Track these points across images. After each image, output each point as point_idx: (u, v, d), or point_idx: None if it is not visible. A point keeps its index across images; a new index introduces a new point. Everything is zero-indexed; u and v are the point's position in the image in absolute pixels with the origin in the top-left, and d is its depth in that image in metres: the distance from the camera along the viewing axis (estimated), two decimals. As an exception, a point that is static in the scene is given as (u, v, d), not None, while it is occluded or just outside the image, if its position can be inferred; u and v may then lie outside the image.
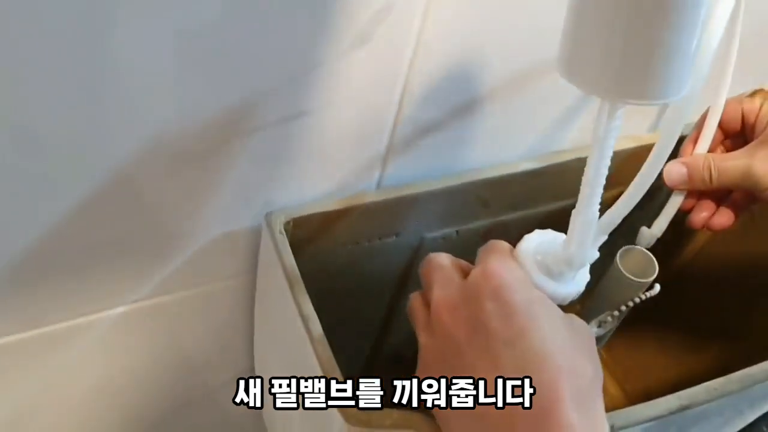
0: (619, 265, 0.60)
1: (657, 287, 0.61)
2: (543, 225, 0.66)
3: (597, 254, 0.45)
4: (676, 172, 0.57)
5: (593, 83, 0.38)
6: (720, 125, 0.58)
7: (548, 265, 0.45)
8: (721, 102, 0.57)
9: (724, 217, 0.59)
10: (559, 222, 0.54)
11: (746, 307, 0.78)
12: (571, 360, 0.40)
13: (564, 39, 0.39)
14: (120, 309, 0.62)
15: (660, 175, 0.42)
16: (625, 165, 0.44)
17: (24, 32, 0.40)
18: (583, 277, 0.47)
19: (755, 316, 0.77)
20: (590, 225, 0.43)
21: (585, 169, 0.42)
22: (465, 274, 0.45)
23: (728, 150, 0.59)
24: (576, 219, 0.43)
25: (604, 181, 0.42)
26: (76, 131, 0.46)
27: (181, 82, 0.46)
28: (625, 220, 0.43)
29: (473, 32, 0.52)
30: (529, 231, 0.48)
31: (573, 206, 0.44)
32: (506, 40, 0.54)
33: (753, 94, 0.58)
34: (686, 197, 0.59)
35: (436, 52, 0.52)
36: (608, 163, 0.41)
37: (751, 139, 0.57)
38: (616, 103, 0.39)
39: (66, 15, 0.40)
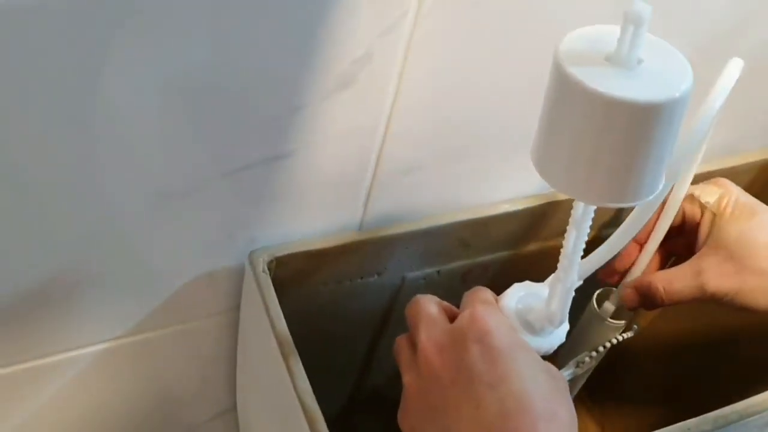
0: (596, 307, 0.61)
1: (634, 328, 0.62)
2: (522, 266, 0.67)
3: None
4: (630, 299, 0.60)
5: (565, 186, 0.38)
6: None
7: (530, 321, 0.47)
8: (675, 208, 0.59)
9: None
10: (538, 263, 0.54)
11: (726, 351, 0.78)
12: (550, 406, 0.41)
13: (537, 136, 0.38)
14: (102, 345, 0.62)
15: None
16: (603, 209, 0.45)
17: (19, 79, 0.41)
18: (563, 329, 0.48)
19: (735, 358, 0.78)
20: (570, 290, 0.45)
21: (564, 242, 0.43)
22: (450, 316, 0.46)
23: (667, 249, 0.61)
24: (556, 285, 0.45)
25: (581, 253, 0.43)
26: (62, 171, 0.47)
27: (166, 124, 0.47)
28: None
29: (452, 77, 0.54)
30: (509, 272, 0.49)
31: (552, 248, 0.45)
32: (486, 85, 0.56)
33: (691, 201, 0.60)
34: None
35: (417, 96, 0.53)
36: (585, 238, 0.43)
37: (692, 238, 0.59)
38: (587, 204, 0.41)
39: (59, 62, 0.41)
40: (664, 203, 0.58)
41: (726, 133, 0.72)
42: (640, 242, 0.60)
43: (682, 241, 0.60)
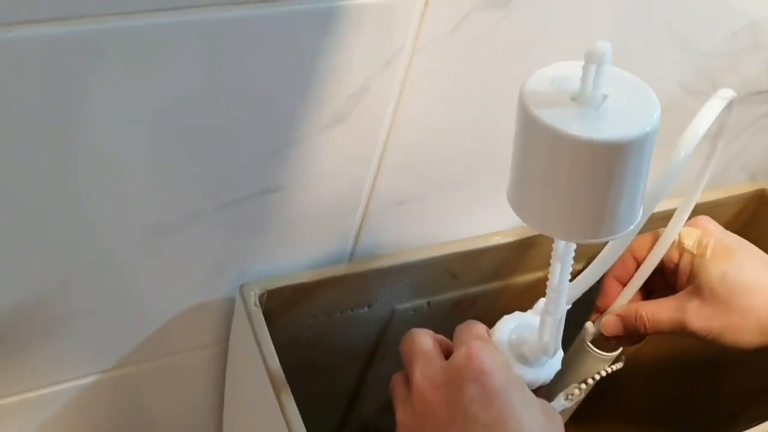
0: (585, 340, 0.61)
1: (623, 359, 0.62)
2: (511, 297, 0.68)
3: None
4: (612, 325, 0.60)
5: (541, 225, 0.38)
6: (634, 256, 0.61)
7: (524, 353, 0.47)
8: (660, 255, 0.59)
9: None
10: (528, 294, 0.55)
11: (710, 382, 0.79)
12: None
13: (511, 177, 0.38)
14: (89, 379, 0.61)
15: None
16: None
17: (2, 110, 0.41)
18: (557, 357, 0.48)
19: (719, 390, 0.79)
20: (560, 321, 0.46)
21: (549, 276, 0.44)
22: (445, 351, 0.46)
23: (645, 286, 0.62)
24: (546, 318, 0.45)
25: (568, 285, 0.44)
26: (49, 204, 0.47)
27: (157, 157, 0.47)
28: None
29: (445, 112, 0.54)
30: (498, 303, 0.49)
31: (541, 279, 0.45)
32: (477, 120, 0.56)
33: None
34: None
35: (411, 130, 0.54)
36: (570, 270, 0.43)
37: (670, 277, 0.61)
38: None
39: (45, 93, 0.41)
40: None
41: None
42: (621, 281, 0.61)
43: (659, 279, 0.61)
